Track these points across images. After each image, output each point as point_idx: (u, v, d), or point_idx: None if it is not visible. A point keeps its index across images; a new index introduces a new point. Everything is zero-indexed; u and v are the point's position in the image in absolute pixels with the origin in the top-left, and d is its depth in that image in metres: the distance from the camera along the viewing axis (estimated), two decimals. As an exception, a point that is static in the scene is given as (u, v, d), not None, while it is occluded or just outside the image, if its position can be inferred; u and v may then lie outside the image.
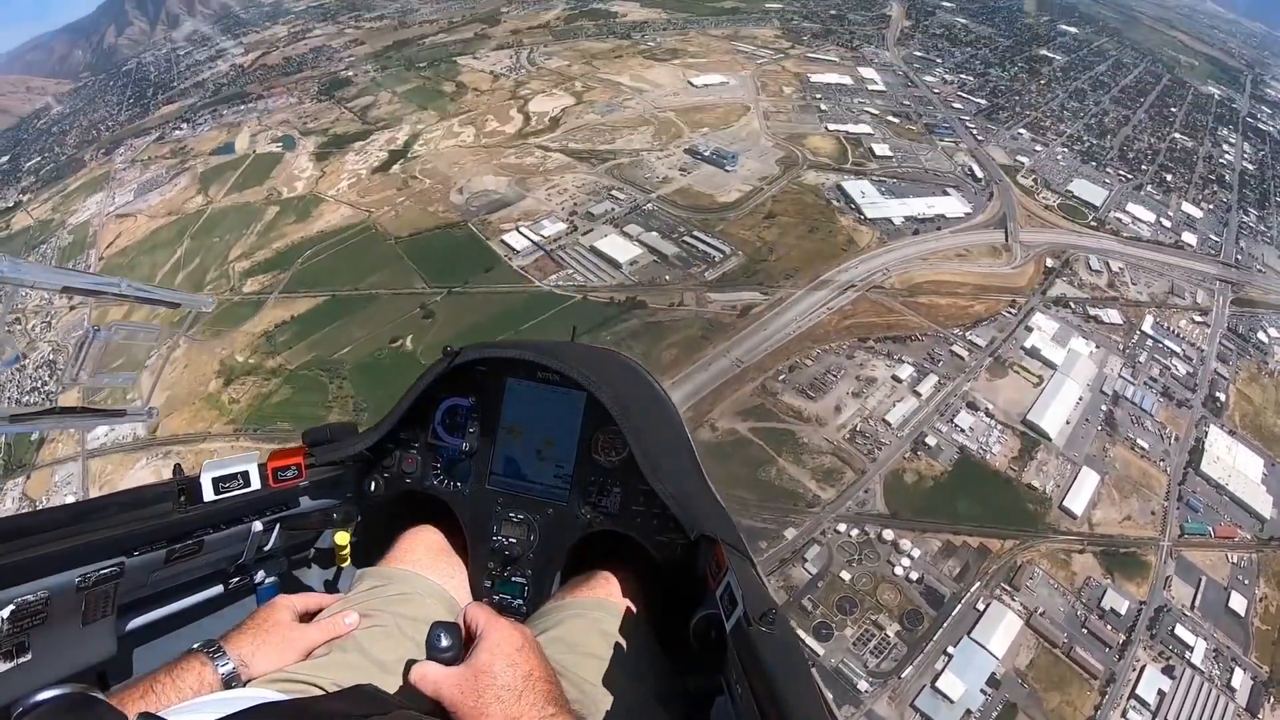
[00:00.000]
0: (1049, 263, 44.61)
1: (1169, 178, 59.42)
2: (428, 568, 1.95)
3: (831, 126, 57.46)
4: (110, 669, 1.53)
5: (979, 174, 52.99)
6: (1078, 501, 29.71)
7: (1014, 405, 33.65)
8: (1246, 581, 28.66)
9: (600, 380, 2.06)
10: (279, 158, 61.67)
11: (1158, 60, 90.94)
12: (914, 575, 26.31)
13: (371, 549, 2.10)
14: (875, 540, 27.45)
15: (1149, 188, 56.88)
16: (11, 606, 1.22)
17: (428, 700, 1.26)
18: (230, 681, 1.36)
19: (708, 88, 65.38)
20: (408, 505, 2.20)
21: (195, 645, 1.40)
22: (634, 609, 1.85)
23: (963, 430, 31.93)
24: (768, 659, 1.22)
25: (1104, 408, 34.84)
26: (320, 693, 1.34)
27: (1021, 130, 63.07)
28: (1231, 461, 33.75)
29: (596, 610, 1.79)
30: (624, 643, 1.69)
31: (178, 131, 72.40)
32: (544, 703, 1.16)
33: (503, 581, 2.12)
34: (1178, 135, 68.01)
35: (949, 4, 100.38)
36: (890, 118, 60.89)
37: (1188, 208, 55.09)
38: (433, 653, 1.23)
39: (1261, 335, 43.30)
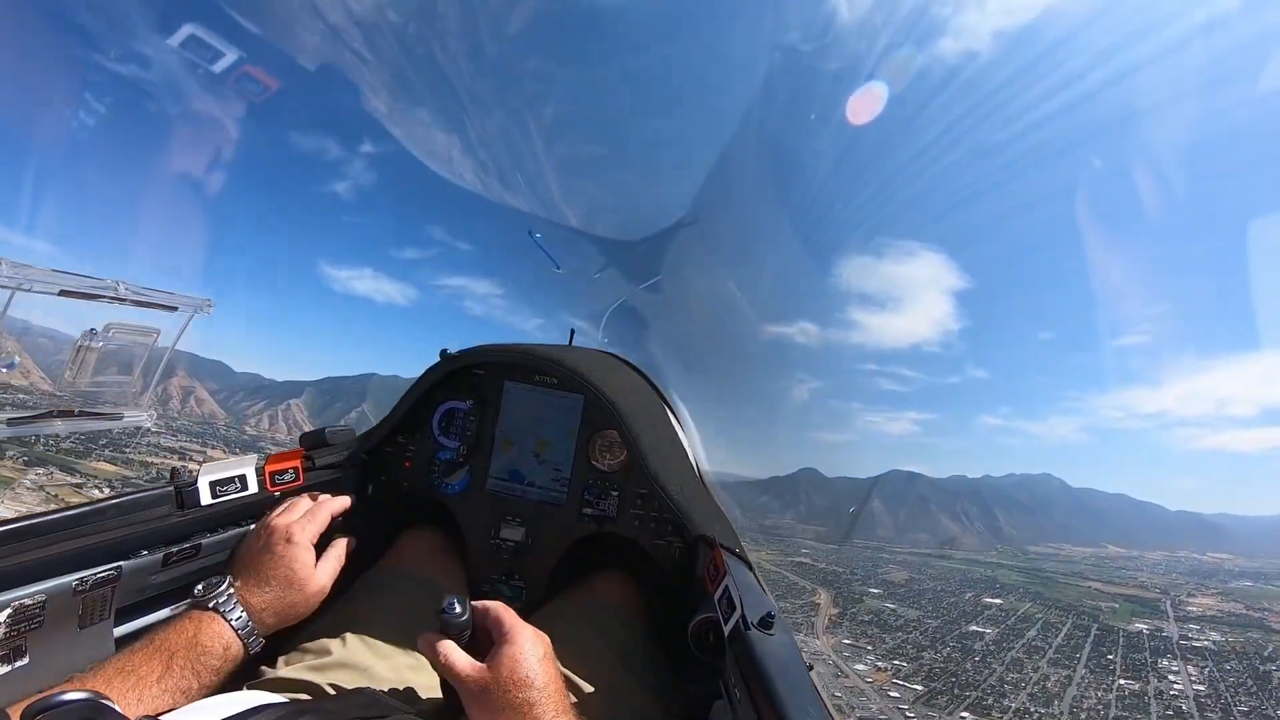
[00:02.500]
0: None
1: (1130, 730, 56.22)
2: (426, 570, 1.93)
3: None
4: None
5: (923, 774, 49.89)
6: None
7: None
8: None
9: (599, 383, 2.07)
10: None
11: (1082, 613, 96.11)
12: None
13: (369, 552, 2.05)
14: None
15: (1113, 751, 53.16)
16: (9, 609, 1.18)
17: (426, 703, 1.30)
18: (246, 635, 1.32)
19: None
20: (405, 508, 2.22)
21: (198, 592, 1.34)
22: (632, 612, 1.88)
23: None
24: (766, 663, 1.20)
25: None
26: (319, 696, 1.32)
27: (964, 714, 61.17)
28: None
29: (594, 613, 1.80)
30: (622, 646, 1.70)
31: (96, 492, 63.99)
32: (554, 714, 1.13)
33: (501, 584, 2.14)
34: (1122, 681, 67.35)
35: (876, 590, 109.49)
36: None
37: (1159, 763, 50.40)
38: (447, 617, 1.18)
39: None
